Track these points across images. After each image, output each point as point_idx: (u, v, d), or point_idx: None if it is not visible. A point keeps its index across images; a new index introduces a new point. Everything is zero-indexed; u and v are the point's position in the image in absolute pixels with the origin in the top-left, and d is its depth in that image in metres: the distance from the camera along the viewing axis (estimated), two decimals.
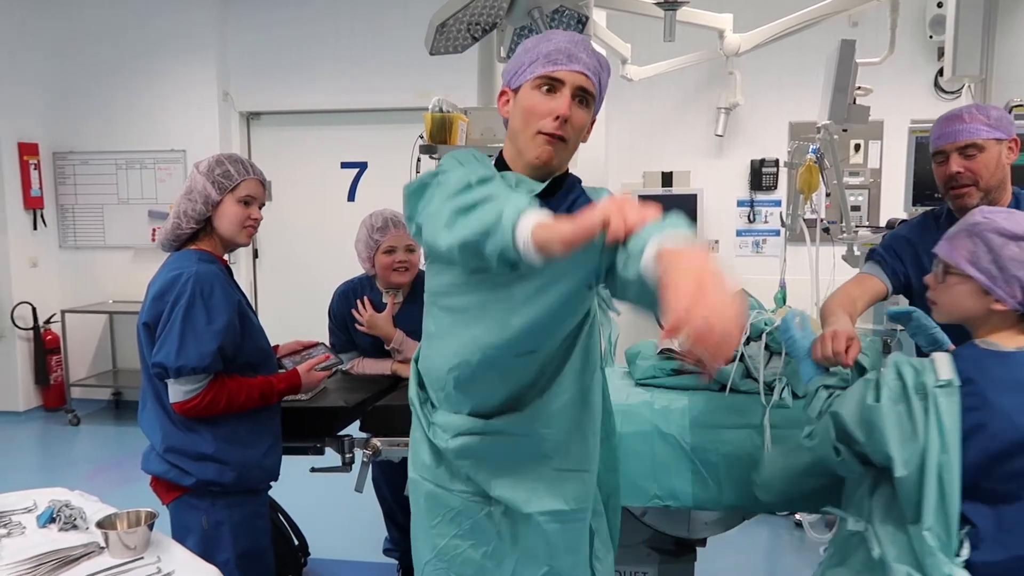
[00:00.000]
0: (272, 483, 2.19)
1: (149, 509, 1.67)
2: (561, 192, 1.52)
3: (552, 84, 1.41)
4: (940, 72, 4.80)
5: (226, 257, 2.14)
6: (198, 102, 5.58)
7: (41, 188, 5.65)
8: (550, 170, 1.48)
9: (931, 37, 4.81)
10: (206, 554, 1.97)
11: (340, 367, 2.40)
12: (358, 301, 2.79)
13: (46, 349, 5.60)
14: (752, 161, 5.17)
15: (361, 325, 2.72)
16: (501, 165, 1.51)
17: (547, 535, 1.48)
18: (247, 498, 2.09)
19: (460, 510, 1.52)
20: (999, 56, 2.95)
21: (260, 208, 2.12)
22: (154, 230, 5.65)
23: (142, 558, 1.57)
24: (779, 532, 3.57)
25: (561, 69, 1.41)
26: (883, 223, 3.18)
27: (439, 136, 2.97)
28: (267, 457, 2.11)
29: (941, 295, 1.53)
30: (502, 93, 1.49)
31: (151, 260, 2.21)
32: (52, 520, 1.73)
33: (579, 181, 1.57)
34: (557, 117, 1.40)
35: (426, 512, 1.57)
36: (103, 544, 1.60)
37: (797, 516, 3.55)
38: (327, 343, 2.61)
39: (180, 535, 2.01)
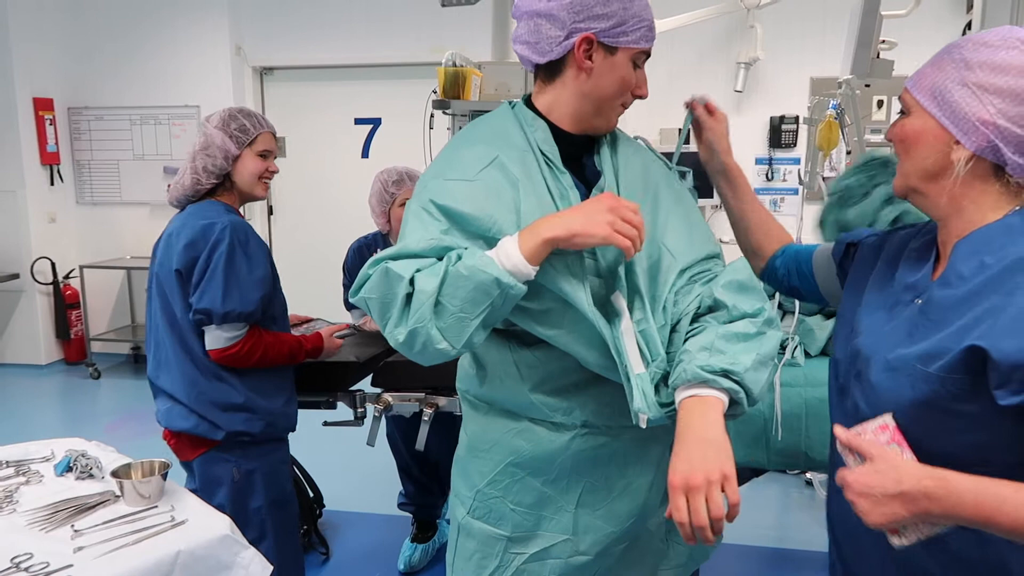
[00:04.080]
0: (290, 432, 2.22)
1: (163, 459, 1.69)
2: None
3: (644, 59, 1.33)
4: (968, 26, 4.66)
5: (241, 211, 2.15)
6: (211, 57, 5.54)
7: (57, 144, 5.66)
8: None
9: None
10: (238, 503, 2.03)
11: (356, 332, 2.44)
12: (372, 254, 2.80)
13: (66, 304, 5.67)
14: (771, 118, 5.08)
15: None
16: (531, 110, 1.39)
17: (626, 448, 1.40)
18: (273, 447, 2.14)
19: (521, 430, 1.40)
20: None
21: (275, 160, 2.13)
22: (169, 186, 5.65)
23: (156, 506, 1.60)
24: (789, 490, 3.59)
25: (652, 45, 1.32)
26: None
27: (452, 91, 2.94)
28: (287, 406, 2.15)
29: None
30: (585, 40, 1.27)
31: (167, 216, 2.21)
32: (69, 469, 1.76)
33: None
34: (639, 96, 1.35)
35: (479, 435, 1.46)
36: (118, 493, 1.63)
37: (807, 474, 3.57)
38: (325, 320, 2.64)
39: (210, 487, 2.04)
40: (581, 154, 1.38)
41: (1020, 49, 0.98)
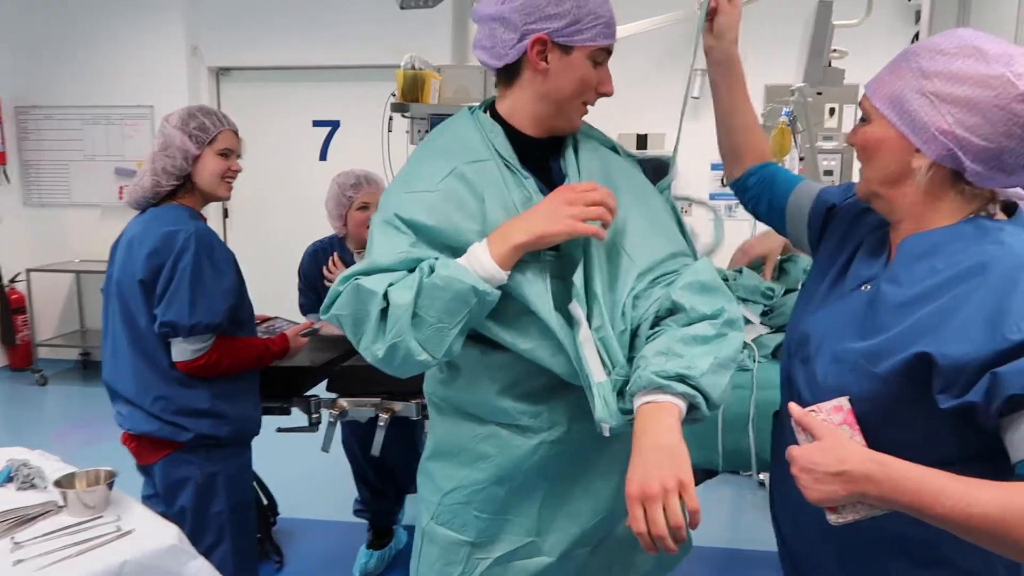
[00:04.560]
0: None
1: (109, 468, 1.65)
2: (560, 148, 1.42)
3: (603, 57, 1.31)
4: (916, 36, 4.79)
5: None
6: (166, 56, 5.43)
7: (4, 143, 5.50)
8: None
9: (908, 1, 4.80)
10: (200, 506, 2.00)
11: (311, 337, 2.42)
12: (329, 258, 2.78)
13: (12, 308, 5.50)
14: None
15: (331, 282, 2.71)
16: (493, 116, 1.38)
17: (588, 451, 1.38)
18: (238, 451, 2.11)
19: (487, 436, 1.39)
20: (975, 21, 2.95)
21: (237, 159, 2.09)
22: (121, 188, 5.54)
23: (101, 516, 1.56)
24: (742, 491, 3.64)
25: (612, 41, 1.30)
26: None
27: (411, 94, 2.92)
28: (255, 411, 2.13)
29: None
30: (538, 41, 1.26)
31: (119, 219, 2.16)
32: (10, 479, 1.71)
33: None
34: (603, 93, 1.32)
35: (446, 438, 1.45)
36: (62, 503, 1.59)
37: (760, 476, 3.62)
38: (284, 317, 2.60)
39: (172, 490, 2.01)
40: (547, 157, 1.37)
41: (975, 58, 1.00)
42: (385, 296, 1.17)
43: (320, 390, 2.43)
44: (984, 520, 0.88)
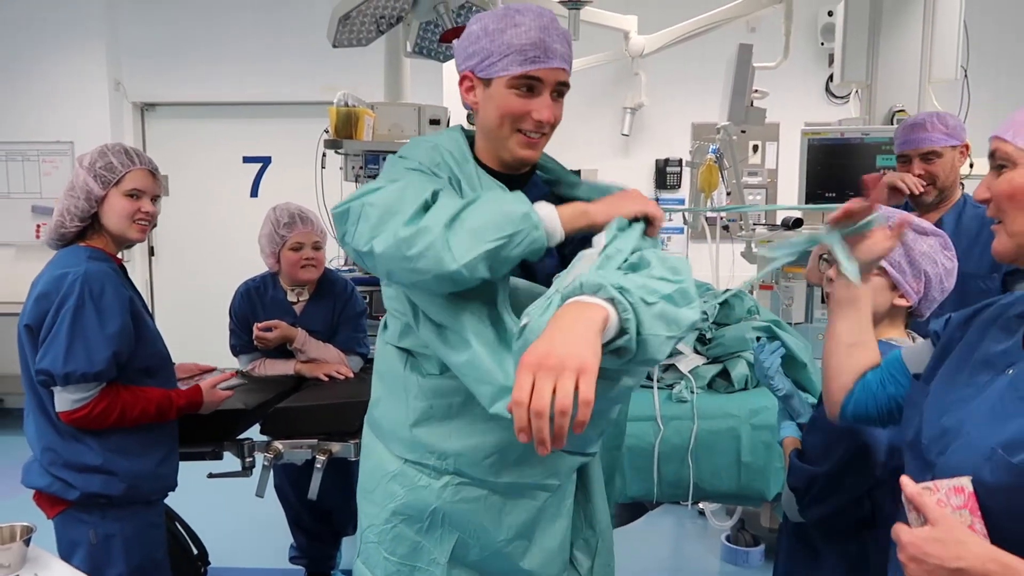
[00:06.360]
0: (169, 492, 2.09)
1: (25, 523, 1.56)
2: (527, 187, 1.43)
3: (531, 85, 1.30)
4: (831, 78, 5.05)
5: (120, 255, 2.03)
6: (87, 91, 5.26)
7: None
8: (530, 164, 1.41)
9: (822, 44, 5.06)
10: (95, 570, 1.88)
11: (244, 379, 2.34)
12: (260, 298, 2.73)
13: None
14: (657, 160, 5.30)
15: (263, 340, 2.64)
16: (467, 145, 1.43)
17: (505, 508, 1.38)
18: (140, 510, 1.98)
19: (396, 474, 1.41)
20: (883, 63, 3.13)
21: (154, 201, 2.00)
22: (39, 226, 5.32)
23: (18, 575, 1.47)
24: (683, 520, 3.67)
25: (540, 68, 1.28)
26: (779, 222, 3.32)
27: (344, 131, 2.92)
28: (162, 466, 2.00)
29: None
30: (464, 78, 1.35)
31: (36, 259, 2.07)
32: None
33: (539, 179, 1.49)
34: (540, 121, 1.31)
35: (368, 474, 1.48)
36: None
37: (700, 505, 3.66)
38: (222, 368, 2.53)
39: (67, 551, 1.89)
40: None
41: None
42: (434, 196, 1.18)
43: (253, 433, 2.36)
44: None
